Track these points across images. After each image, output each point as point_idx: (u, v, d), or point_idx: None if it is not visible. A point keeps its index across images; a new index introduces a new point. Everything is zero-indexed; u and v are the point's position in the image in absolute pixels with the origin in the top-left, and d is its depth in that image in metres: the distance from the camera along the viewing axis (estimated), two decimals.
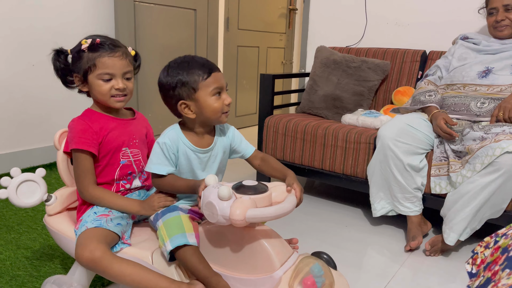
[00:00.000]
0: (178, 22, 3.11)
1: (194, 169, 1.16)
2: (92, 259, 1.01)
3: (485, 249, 0.97)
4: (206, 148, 1.16)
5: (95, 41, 1.18)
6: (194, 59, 1.10)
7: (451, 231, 1.62)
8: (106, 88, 1.16)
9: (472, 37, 2.02)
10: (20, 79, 2.40)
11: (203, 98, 1.08)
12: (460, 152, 1.70)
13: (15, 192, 1.15)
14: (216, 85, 1.09)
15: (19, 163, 2.42)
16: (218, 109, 1.10)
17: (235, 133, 1.24)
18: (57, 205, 1.26)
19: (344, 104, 2.37)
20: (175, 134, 1.13)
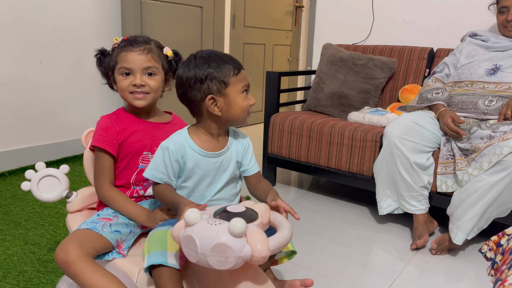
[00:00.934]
0: (184, 20, 3.11)
1: (205, 177, 1.06)
2: (65, 261, 0.95)
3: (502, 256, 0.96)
4: (218, 152, 1.06)
5: (123, 38, 1.16)
6: (221, 54, 1.03)
7: (459, 231, 1.61)
8: (124, 83, 1.12)
9: (481, 34, 2.00)
10: (28, 76, 2.42)
11: (233, 94, 1.01)
12: (467, 150, 1.69)
13: (36, 186, 1.17)
14: (246, 83, 1.03)
15: (27, 160, 2.44)
16: (246, 108, 1.03)
17: (250, 144, 1.15)
18: (77, 203, 1.24)
19: (350, 101, 2.36)
20: (182, 139, 1.03)
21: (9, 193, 2.06)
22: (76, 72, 2.65)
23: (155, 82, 1.14)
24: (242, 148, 1.12)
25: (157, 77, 1.15)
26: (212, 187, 1.07)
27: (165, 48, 1.19)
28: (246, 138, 1.15)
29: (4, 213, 1.83)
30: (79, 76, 2.68)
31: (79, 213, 1.25)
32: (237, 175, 1.13)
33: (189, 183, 1.05)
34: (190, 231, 0.78)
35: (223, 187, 1.09)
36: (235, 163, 1.10)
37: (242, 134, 1.14)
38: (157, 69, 1.14)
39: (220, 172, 1.07)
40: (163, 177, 1.02)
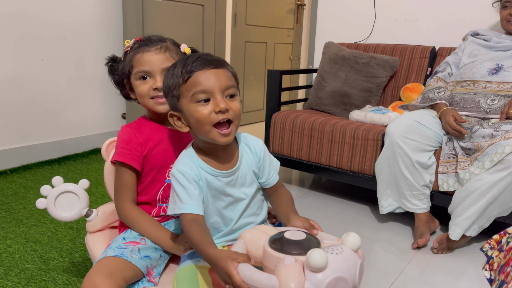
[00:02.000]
0: (186, 18, 3.11)
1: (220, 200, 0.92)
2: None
3: (499, 252, 0.96)
4: (230, 170, 0.90)
5: (136, 40, 1.05)
6: (188, 56, 0.88)
7: (456, 227, 1.61)
8: (144, 88, 1.01)
9: (483, 33, 2.00)
10: (29, 74, 2.42)
11: (185, 106, 0.85)
12: (469, 149, 1.69)
13: (53, 203, 1.05)
14: (197, 89, 0.82)
15: (28, 158, 2.44)
16: (203, 119, 0.82)
17: (265, 151, 0.97)
18: (98, 221, 1.13)
19: (352, 100, 2.36)
20: (190, 159, 0.89)
21: (11, 191, 2.06)
22: (77, 70, 2.65)
23: None
24: (257, 156, 0.96)
25: None
26: (234, 207, 0.93)
27: (182, 45, 1.09)
28: (259, 143, 0.98)
29: (5, 211, 1.84)
30: (81, 74, 2.68)
31: (100, 233, 1.14)
32: (259, 189, 0.98)
33: (211, 209, 0.91)
34: (334, 272, 0.65)
35: (248, 205, 0.95)
36: (252, 174, 0.95)
37: (254, 139, 0.98)
38: None
39: (237, 188, 0.93)
40: (188, 204, 0.84)
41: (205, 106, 0.83)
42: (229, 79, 0.86)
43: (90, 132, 2.79)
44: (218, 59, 0.87)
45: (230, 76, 0.87)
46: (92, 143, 2.79)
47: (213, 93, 0.83)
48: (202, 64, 0.84)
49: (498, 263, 0.94)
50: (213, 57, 0.87)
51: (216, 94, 0.83)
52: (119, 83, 1.11)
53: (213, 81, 0.83)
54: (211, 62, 0.85)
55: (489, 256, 0.99)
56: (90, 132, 2.79)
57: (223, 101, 0.83)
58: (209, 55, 0.87)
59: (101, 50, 2.75)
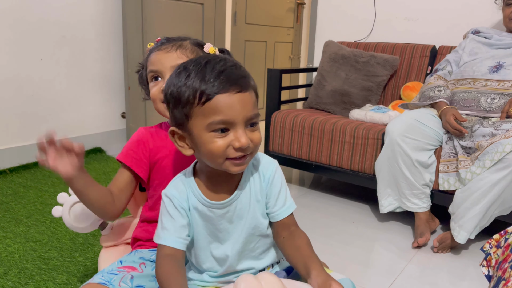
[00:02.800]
0: (185, 17, 3.10)
1: (210, 237, 0.79)
2: None
3: (497, 249, 0.96)
4: (224, 201, 0.77)
5: (156, 41, 0.96)
6: (206, 62, 0.70)
7: (461, 229, 1.61)
8: (154, 91, 0.91)
9: (484, 31, 1.99)
10: (29, 73, 2.41)
11: (197, 131, 0.70)
12: (470, 148, 1.68)
13: (68, 213, 1.00)
14: (217, 118, 0.68)
15: (28, 157, 2.44)
16: (218, 152, 0.69)
17: (276, 175, 0.81)
18: (112, 236, 1.06)
19: (352, 99, 2.35)
20: (184, 183, 0.78)
21: (10, 190, 2.06)
22: (77, 69, 2.65)
23: None
24: (266, 181, 0.80)
25: None
26: (228, 246, 0.80)
27: (207, 44, 0.95)
28: (272, 165, 0.82)
29: (5, 210, 1.83)
30: (81, 73, 2.67)
31: (115, 248, 1.06)
32: (263, 224, 0.81)
33: (200, 242, 0.79)
34: None
35: (244, 247, 0.80)
36: (256, 205, 0.80)
37: (266, 160, 0.82)
38: None
39: (234, 224, 0.79)
40: (168, 235, 0.74)
41: (222, 138, 0.69)
42: (254, 104, 0.71)
43: (89, 132, 2.79)
44: (244, 75, 0.71)
45: (255, 100, 0.72)
46: (92, 143, 2.78)
47: (234, 124, 0.69)
48: (227, 85, 0.67)
49: (496, 259, 0.94)
50: (239, 73, 0.70)
51: (238, 126, 0.69)
52: (146, 88, 0.99)
53: (238, 110, 0.68)
54: (237, 82, 0.68)
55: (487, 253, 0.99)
56: (89, 132, 2.79)
57: (244, 136, 0.69)
58: (234, 68, 0.71)
59: (101, 50, 2.74)
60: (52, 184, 2.16)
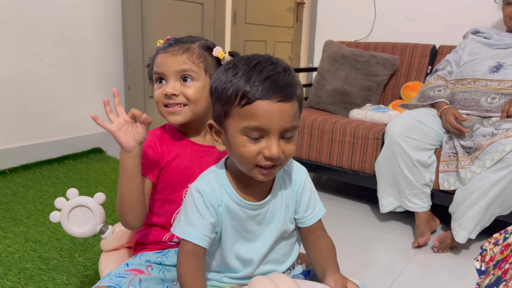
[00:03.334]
0: (185, 16, 3.10)
1: (240, 236, 0.78)
2: None
3: (494, 246, 0.96)
4: (259, 202, 0.77)
5: (165, 40, 0.95)
6: (256, 64, 0.69)
7: (461, 229, 1.60)
8: (157, 94, 0.90)
9: (484, 31, 1.99)
10: (28, 73, 2.41)
11: (231, 132, 0.70)
12: (470, 148, 1.68)
13: (67, 217, 0.98)
14: (252, 124, 0.67)
15: (28, 157, 2.43)
16: (248, 158, 0.69)
17: (306, 182, 0.82)
18: (113, 240, 1.05)
19: (352, 99, 2.35)
20: (217, 180, 0.77)
21: (10, 190, 2.05)
22: (77, 69, 2.64)
23: (193, 90, 0.88)
24: (296, 187, 0.81)
25: (195, 83, 0.89)
26: (254, 247, 0.79)
27: (216, 48, 0.93)
28: (302, 172, 0.82)
29: (5, 210, 1.83)
30: (80, 73, 2.67)
31: (115, 252, 1.05)
32: (290, 226, 0.82)
33: (227, 242, 0.79)
34: None
35: (272, 247, 0.81)
36: (285, 210, 0.80)
37: (296, 167, 0.82)
38: (195, 73, 0.88)
39: (263, 227, 0.79)
40: (193, 231, 0.73)
41: (254, 144, 0.68)
42: (294, 116, 0.69)
43: (89, 132, 2.78)
44: (290, 84, 0.69)
45: (297, 111, 0.71)
46: (92, 143, 2.78)
47: (269, 133, 0.67)
48: (270, 92, 0.66)
49: (491, 256, 0.94)
50: (286, 81, 0.68)
51: (272, 135, 0.68)
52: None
53: (275, 119, 0.67)
54: (281, 91, 0.67)
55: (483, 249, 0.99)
56: (89, 132, 2.78)
57: (276, 146, 0.68)
58: (283, 74, 0.69)
59: (100, 49, 2.74)
60: (52, 184, 2.16)
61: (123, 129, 0.83)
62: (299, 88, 0.71)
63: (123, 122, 0.84)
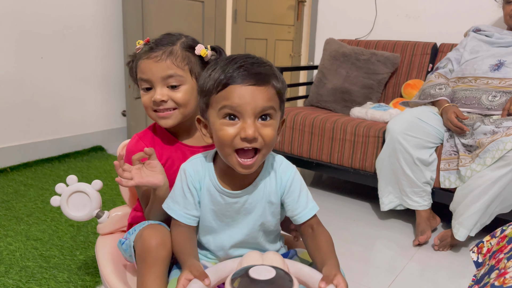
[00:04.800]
0: (186, 14, 3.10)
1: (214, 221, 0.83)
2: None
3: (491, 238, 0.97)
4: (239, 191, 0.80)
5: (144, 41, 0.96)
6: (232, 59, 0.74)
7: (461, 226, 1.61)
8: (145, 100, 0.92)
9: (485, 29, 1.98)
10: (29, 71, 2.41)
11: (212, 118, 0.75)
12: (471, 146, 1.68)
13: (66, 202, 1.05)
14: (226, 103, 0.71)
15: (29, 155, 2.44)
16: (226, 140, 0.72)
17: (295, 180, 0.83)
18: (108, 224, 1.12)
19: (353, 97, 2.35)
20: (202, 164, 0.82)
21: (11, 188, 2.06)
22: (77, 67, 2.65)
23: (182, 94, 0.90)
24: (283, 185, 0.82)
25: (183, 87, 0.91)
26: (230, 233, 0.84)
27: (198, 46, 0.94)
28: (290, 170, 0.83)
29: (6, 208, 1.83)
30: (81, 71, 2.67)
31: (111, 236, 1.13)
32: (271, 222, 0.84)
33: (205, 222, 0.84)
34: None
35: (246, 238, 0.84)
36: (267, 205, 0.82)
37: (285, 165, 0.84)
38: (181, 77, 0.90)
39: (241, 216, 0.82)
40: (178, 209, 0.81)
41: (231, 127, 0.72)
42: (269, 99, 0.72)
43: (90, 130, 2.79)
44: (264, 71, 0.73)
45: (272, 95, 0.73)
46: (92, 141, 2.78)
47: (243, 114, 0.71)
48: (242, 77, 0.71)
49: (488, 248, 0.94)
50: (259, 68, 0.73)
51: (247, 116, 0.71)
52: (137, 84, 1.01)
53: (247, 100, 0.70)
54: (253, 76, 0.71)
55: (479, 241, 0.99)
56: (90, 130, 2.79)
57: (252, 127, 0.71)
58: (256, 64, 0.73)
59: (101, 47, 2.74)
60: (53, 182, 2.16)
61: (144, 174, 0.86)
62: (274, 79, 0.74)
63: (137, 170, 0.86)
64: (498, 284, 0.72)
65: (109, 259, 1.03)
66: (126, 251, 0.94)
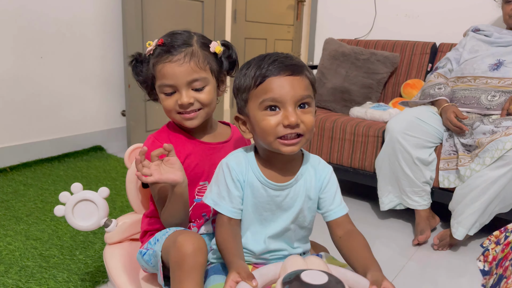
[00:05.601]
0: (185, 14, 3.09)
1: (258, 214, 0.83)
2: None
3: (496, 245, 0.96)
4: (283, 184, 0.82)
5: (157, 43, 0.95)
6: (265, 57, 0.78)
7: (460, 226, 1.61)
8: (169, 103, 0.92)
9: (484, 29, 1.99)
10: (29, 71, 2.41)
11: (252, 112, 0.78)
12: (470, 145, 1.68)
13: (71, 211, 1.00)
14: (268, 96, 0.75)
15: (28, 155, 2.44)
16: (268, 129, 0.75)
17: (332, 177, 0.87)
18: (117, 233, 1.07)
19: (352, 97, 2.35)
20: (244, 156, 0.83)
21: (11, 188, 2.06)
22: (77, 66, 2.65)
23: (206, 95, 0.92)
24: (320, 181, 0.86)
25: (207, 88, 0.93)
26: (268, 226, 0.85)
27: (212, 43, 0.95)
28: (328, 168, 0.88)
29: (5, 208, 1.83)
30: (80, 71, 2.67)
31: (119, 245, 1.08)
32: (307, 217, 0.87)
33: (245, 217, 0.84)
34: None
35: (284, 231, 0.85)
36: (305, 200, 0.85)
37: (323, 163, 0.89)
38: (205, 79, 0.92)
39: (281, 210, 0.84)
40: (225, 204, 0.81)
41: (273, 116, 0.75)
42: (306, 88, 0.77)
43: (89, 129, 2.79)
44: (297, 63, 0.78)
45: (308, 85, 0.78)
46: (92, 140, 2.78)
47: (284, 103, 0.75)
48: (278, 69, 0.75)
49: (493, 255, 0.94)
50: (292, 61, 0.77)
51: (288, 105, 0.75)
52: (144, 86, 1.00)
53: (287, 89, 0.74)
54: (289, 68, 0.75)
55: (485, 248, 0.99)
56: (89, 129, 2.79)
57: (294, 114, 0.74)
58: (288, 58, 0.78)
59: (101, 47, 2.74)
60: (52, 182, 2.16)
61: (163, 171, 0.85)
62: (307, 70, 0.79)
63: (156, 167, 0.85)
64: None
65: (122, 269, 1.00)
66: (149, 262, 0.91)
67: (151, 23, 2.85)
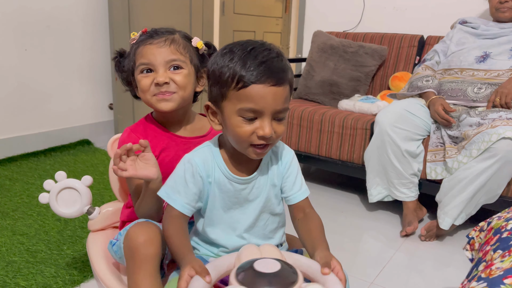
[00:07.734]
0: (172, 6, 3.06)
1: (227, 208, 0.84)
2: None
3: (480, 233, 0.98)
4: (248, 177, 0.82)
5: (141, 31, 0.97)
6: (251, 50, 0.73)
7: (446, 216, 1.63)
8: (145, 83, 0.93)
9: (471, 21, 2.00)
10: (13, 64, 2.37)
11: (228, 112, 0.75)
12: (457, 138, 1.70)
13: (55, 199, 1.03)
14: (248, 105, 0.72)
15: (14, 150, 2.40)
16: (243, 137, 0.74)
17: (293, 162, 0.88)
18: (99, 220, 1.10)
19: (341, 89, 2.35)
20: (211, 154, 0.82)
21: None
22: (62, 59, 2.60)
23: (182, 77, 0.93)
24: (283, 167, 0.86)
25: (183, 71, 0.94)
26: (239, 221, 0.85)
27: (194, 38, 0.99)
28: (289, 153, 0.88)
29: None
30: (66, 63, 2.63)
31: (102, 232, 1.11)
32: (275, 204, 0.87)
33: (214, 213, 0.84)
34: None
35: (255, 222, 0.86)
36: (271, 188, 0.86)
37: (284, 148, 0.88)
38: (183, 62, 0.94)
39: (249, 202, 0.84)
40: (178, 199, 0.80)
41: (249, 124, 0.74)
42: (285, 100, 0.75)
43: (76, 123, 2.75)
44: (284, 69, 0.74)
45: (287, 95, 0.76)
46: (79, 134, 2.75)
47: (262, 114, 0.73)
48: (264, 76, 0.71)
49: (478, 243, 0.96)
50: (279, 66, 0.74)
51: (265, 116, 0.73)
52: (127, 82, 1.01)
53: (268, 102, 0.72)
54: (274, 75, 0.72)
55: (470, 237, 1.00)
56: (76, 123, 2.75)
57: (269, 126, 0.73)
58: (275, 59, 0.74)
59: (87, 39, 2.70)
60: (38, 176, 2.13)
61: (138, 167, 0.86)
62: (290, 72, 0.77)
63: (132, 162, 0.86)
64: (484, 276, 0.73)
65: (102, 256, 1.02)
66: (117, 252, 0.93)
67: (138, 15, 2.81)
